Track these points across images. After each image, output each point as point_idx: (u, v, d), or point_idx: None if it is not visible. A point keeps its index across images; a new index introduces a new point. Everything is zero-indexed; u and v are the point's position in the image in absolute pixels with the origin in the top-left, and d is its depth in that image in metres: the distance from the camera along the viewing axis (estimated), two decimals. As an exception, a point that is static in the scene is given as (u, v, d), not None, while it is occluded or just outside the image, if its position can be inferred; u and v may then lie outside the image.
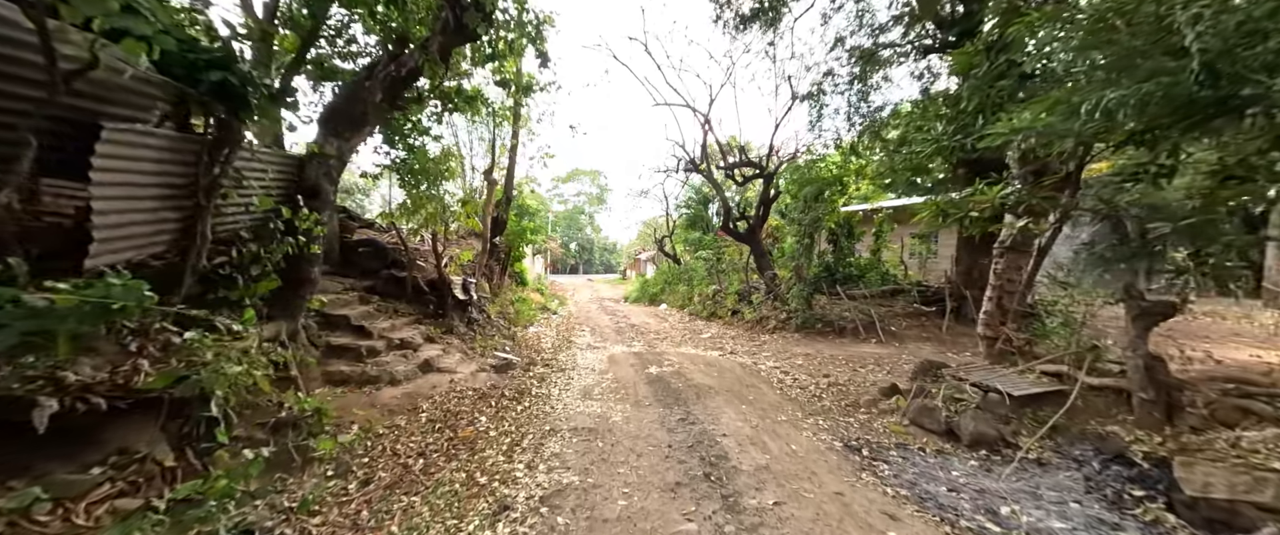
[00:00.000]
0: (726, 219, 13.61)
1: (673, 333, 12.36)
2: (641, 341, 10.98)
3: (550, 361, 8.41)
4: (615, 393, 6.13)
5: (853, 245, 12.95)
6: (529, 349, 9.75)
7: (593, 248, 62.37)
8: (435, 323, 8.19)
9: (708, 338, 11.52)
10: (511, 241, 14.21)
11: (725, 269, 16.46)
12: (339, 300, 6.97)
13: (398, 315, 7.66)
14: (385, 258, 8.41)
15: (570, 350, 9.62)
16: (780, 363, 8.28)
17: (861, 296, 10.91)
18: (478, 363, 7.50)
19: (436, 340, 7.65)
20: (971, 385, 4.92)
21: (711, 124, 13.42)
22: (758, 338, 10.93)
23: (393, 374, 5.96)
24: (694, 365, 7.93)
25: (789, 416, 5.25)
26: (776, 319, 11.30)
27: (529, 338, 11.20)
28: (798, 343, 9.98)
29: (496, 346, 9.11)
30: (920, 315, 9.98)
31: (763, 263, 13.13)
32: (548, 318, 15.31)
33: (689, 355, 9.01)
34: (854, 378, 7.05)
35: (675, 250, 22.82)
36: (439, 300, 8.49)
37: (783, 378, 7.19)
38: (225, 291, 4.17)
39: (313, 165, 5.29)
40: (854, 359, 8.32)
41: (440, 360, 6.89)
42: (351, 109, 5.51)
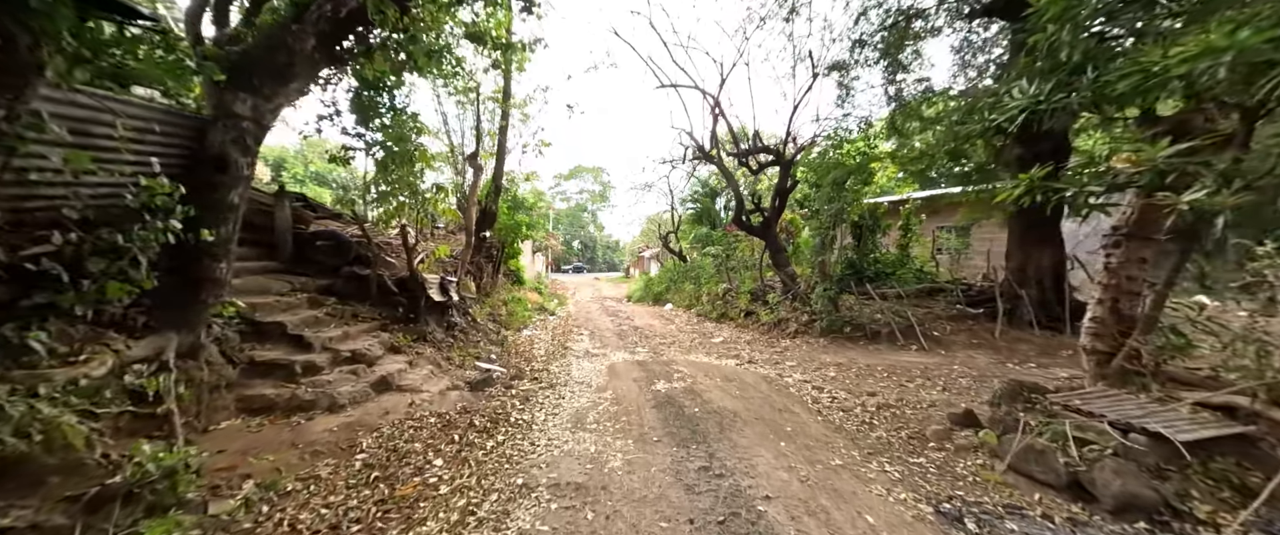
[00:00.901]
0: (739, 211, 12.27)
1: (680, 336, 11.05)
2: (646, 347, 9.67)
3: (540, 374, 7.10)
4: (615, 420, 4.82)
5: (878, 239, 11.59)
6: (518, 357, 8.45)
7: (595, 246, 61.10)
8: (405, 329, 6.90)
9: (720, 343, 10.19)
10: (505, 236, 12.92)
11: (735, 266, 15.13)
12: (281, 304, 5.68)
13: (356, 321, 6.37)
14: (347, 253, 7.12)
15: (565, 359, 8.32)
16: (809, 375, 6.96)
17: (893, 296, 9.57)
18: (451, 377, 6.21)
19: (402, 350, 6.36)
20: (1099, 421, 3.58)
21: (722, 108, 12.10)
22: (777, 343, 9.60)
23: (334, 397, 4.67)
24: (708, 378, 6.62)
25: (844, 458, 3.92)
26: (798, 322, 9.97)
27: (520, 343, 9.90)
28: (825, 349, 8.65)
29: (480, 355, 7.82)
30: (965, 318, 8.63)
31: (779, 259, 11.79)
32: (544, 319, 14.02)
33: (701, 365, 7.70)
34: (905, 396, 5.72)
35: (681, 247, 21.49)
36: (411, 302, 7.20)
37: (817, 395, 5.86)
38: (55, 295, 2.88)
39: (218, 129, 4.00)
40: (896, 371, 6.98)
41: (402, 376, 5.59)
42: (273, 58, 4.21)
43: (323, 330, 5.54)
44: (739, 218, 12.31)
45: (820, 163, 10.37)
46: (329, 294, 6.66)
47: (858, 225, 10.89)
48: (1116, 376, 4.07)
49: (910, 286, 9.93)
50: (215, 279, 3.99)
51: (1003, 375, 6.57)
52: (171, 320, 3.80)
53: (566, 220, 58.20)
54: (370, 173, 6.86)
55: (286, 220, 6.86)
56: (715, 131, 12.34)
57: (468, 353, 7.60)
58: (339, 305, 6.44)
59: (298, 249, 7.00)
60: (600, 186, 58.46)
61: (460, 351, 7.49)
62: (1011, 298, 8.19)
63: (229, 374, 4.32)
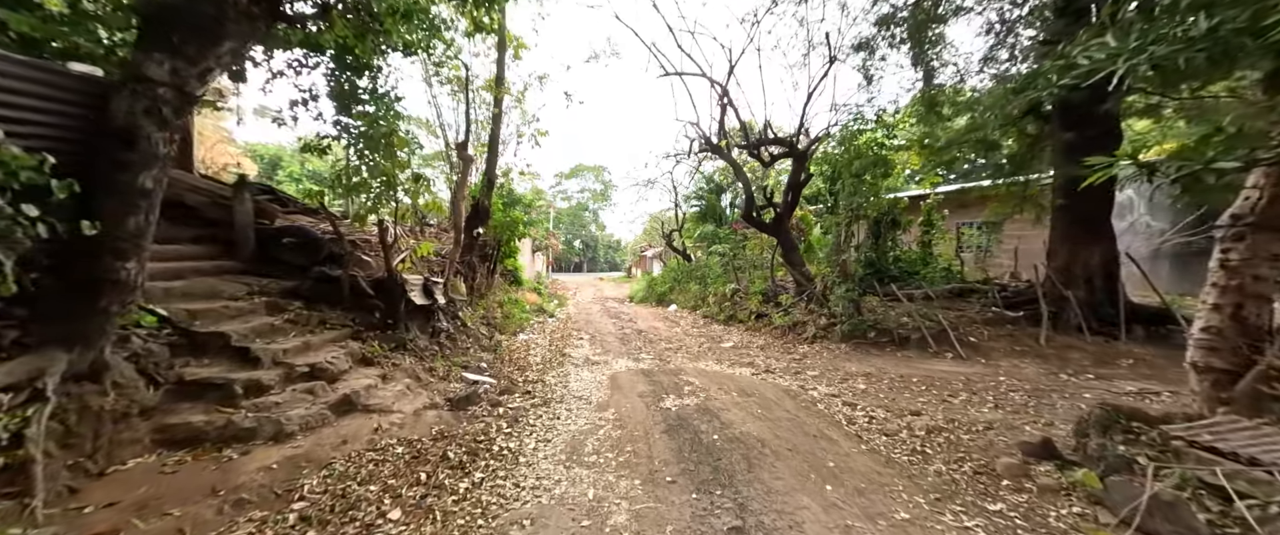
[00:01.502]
0: (749, 207, 11.44)
1: (687, 341, 10.22)
2: (651, 353, 8.85)
3: (533, 386, 6.29)
4: (618, 449, 4.00)
5: (897, 237, 10.75)
6: (511, 365, 7.64)
7: (596, 245, 60.30)
8: (381, 337, 6.08)
9: (731, 348, 9.37)
10: (500, 234, 12.11)
11: (743, 266, 14.29)
12: (231, 310, 4.87)
13: (323, 328, 5.56)
14: (317, 252, 6.31)
15: (562, 368, 7.50)
16: (836, 387, 6.13)
17: (921, 297, 8.73)
18: (430, 393, 5.39)
19: (375, 362, 5.54)
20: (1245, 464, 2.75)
21: (730, 97, 11.26)
22: (794, 349, 8.77)
23: (281, 423, 3.86)
24: (724, 392, 5.80)
25: (908, 507, 3.10)
26: (815, 325, 9.14)
27: (515, 349, 9.09)
28: (848, 357, 7.82)
29: (468, 364, 7.01)
30: (1002, 321, 7.79)
31: (793, 258, 10.96)
32: (543, 322, 13.21)
33: (714, 375, 6.88)
34: (954, 416, 4.89)
35: (685, 245, 20.66)
36: (389, 306, 6.38)
37: (851, 414, 5.04)
38: None
39: (124, 96, 3.18)
40: (933, 383, 6.15)
41: (371, 394, 4.77)
42: (197, 10, 3.40)
43: (277, 341, 4.72)
44: (749, 214, 11.48)
45: (840, 154, 9.54)
46: (294, 297, 5.85)
47: (876, 221, 10.05)
48: (1246, 402, 3.24)
49: (938, 286, 9.09)
50: (119, 282, 3.17)
51: (1059, 389, 5.74)
52: (59, 335, 2.99)
53: (567, 219, 57.40)
54: (352, 162, 6.03)
55: (247, 215, 6.06)
56: (723, 122, 11.51)
57: (454, 362, 6.78)
58: (304, 310, 5.62)
59: (261, 247, 6.20)
60: (601, 185, 57.65)
61: (445, 361, 6.67)
62: (1056, 299, 7.34)
63: (146, 398, 3.50)
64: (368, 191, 5.76)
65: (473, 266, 10.47)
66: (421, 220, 11.38)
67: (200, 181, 6.17)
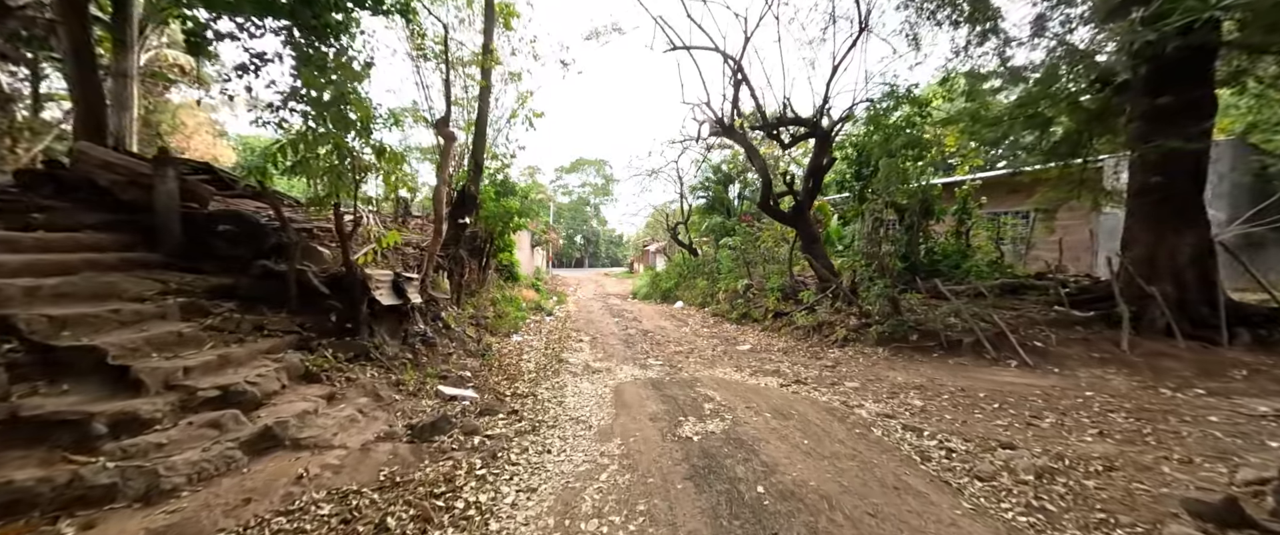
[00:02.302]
0: (766, 195, 10.28)
1: (698, 343, 9.11)
2: (659, 358, 7.74)
3: (522, 402, 5.19)
4: (628, 510, 2.88)
5: (929, 227, 9.60)
6: (499, 374, 6.54)
7: (598, 240, 59.16)
8: (336, 344, 4.97)
9: (748, 351, 8.26)
10: (492, 226, 10.98)
11: (755, 260, 13.16)
12: (123, 316, 3.76)
13: (257, 336, 4.45)
14: (260, 241, 5.20)
15: (558, 378, 6.40)
16: (888, 405, 5.02)
17: (966, 294, 7.60)
18: (391, 417, 4.28)
19: (322, 377, 4.43)
20: None
21: (745, 73, 10.08)
22: (822, 353, 7.65)
23: (160, 474, 2.75)
24: (753, 412, 4.68)
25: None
26: (845, 326, 8.01)
27: (506, 353, 7.99)
28: (889, 364, 6.70)
29: (448, 374, 5.92)
30: (1069, 323, 6.65)
31: (815, 250, 9.82)
32: (540, 321, 12.12)
33: (735, 386, 5.77)
34: (1057, 449, 3.77)
35: (690, 239, 19.52)
36: (347, 307, 5.27)
37: (921, 444, 3.92)
38: None
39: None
40: (1006, 399, 5.03)
41: (308, 422, 3.66)
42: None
43: (182, 355, 3.61)
44: (766, 202, 10.33)
45: (869, 135, 8.37)
46: (227, 297, 4.74)
47: (907, 210, 8.89)
48: None
49: (988, 281, 7.95)
50: None
51: (1170, 409, 4.60)
52: None
53: (568, 214, 56.25)
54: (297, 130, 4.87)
55: (171, 197, 4.93)
56: (737, 101, 10.35)
57: (429, 373, 5.68)
58: (236, 314, 4.51)
59: (191, 237, 5.08)
60: (603, 179, 56.46)
61: (418, 372, 5.56)
62: (1136, 297, 6.20)
63: (-58, 448, 2.39)
64: (314, 168, 4.62)
65: (460, 261, 9.35)
66: (404, 210, 10.25)
67: (115, 156, 5.06)
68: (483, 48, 8.08)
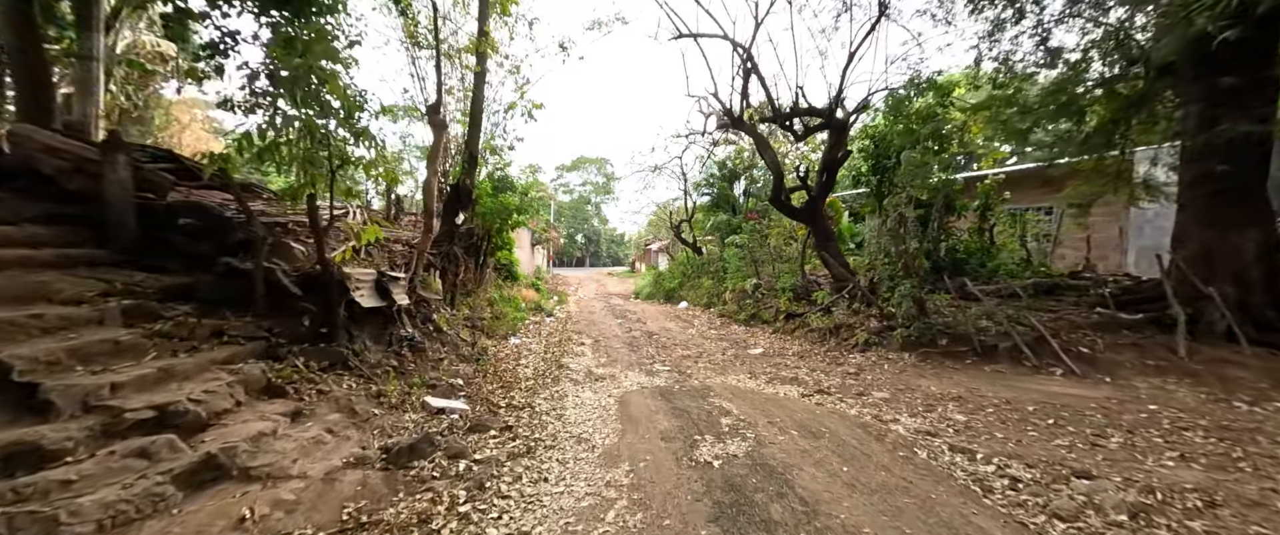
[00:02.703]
0: (778, 190, 9.71)
1: (707, 345, 8.56)
2: (667, 363, 7.18)
3: (517, 417, 4.63)
4: (641, 561, 2.33)
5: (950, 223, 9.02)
6: (494, 382, 6.00)
7: (599, 239, 58.61)
8: (309, 352, 4.41)
9: (761, 355, 7.70)
10: (489, 223, 10.43)
11: (764, 258, 12.60)
12: (49, 321, 3.20)
13: (213, 344, 3.90)
14: (224, 236, 4.64)
15: (557, 386, 5.84)
16: (927, 421, 4.46)
17: (996, 294, 7.02)
18: (366, 436, 3.73)
19: (289, 391, 3.87)
20: None
21: (755, 62, 9.51)
22: (842, 358, 7.08)
23: (56, 523, 2.19)
24: (778, 428, 4.13)
25: None
26: (866, 329, 7.44)
27: (503, 358, 7.44)
28: (919, 370, 6.13)
29: (436, 384, 5.36)
30: (1115, 326, 6.08)
31: (830, 248, 9.25)
32: (540, 322, 11.57)
33: (753, 397, 5.20)
34: (1137, 477, 3.20)
35: (694, 237, 18.95)
36: (323, 310, 4.71)
37: (978, 471, 3.36)
38: None
39: None
40: (1059, 413, 4.46)
41: (264, 446, 3.10)
42: None
43: (111, 369, 3.06)
44: (777, 197, 9.75)
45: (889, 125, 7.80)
46: (186, 299, 4.19)
47: (931, 204, 8.31)
48: None
49: (1021, 280, 7.37)
50: None
51: (1254, 426, 4.03)
52: None
53: (569, 213, 55.71)
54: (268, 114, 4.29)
55: (123, 187, 4.38)
56: (746, 91, 9.77)
57: (415, 383, 5.12)
58: (191, 318, 3.95)
59: (148, 231, 4.53)
60: (604, 178, 55.89)
61: (402, 382, 5.01)
62: (1191, 298, 5.62)
63: None
64: (283, 155, 4.06)
65: (454, 259, 8.80)
66: (397, 206, 9.70)
67: (60, 140, 4.51)
68: (478, 31, 7.52)
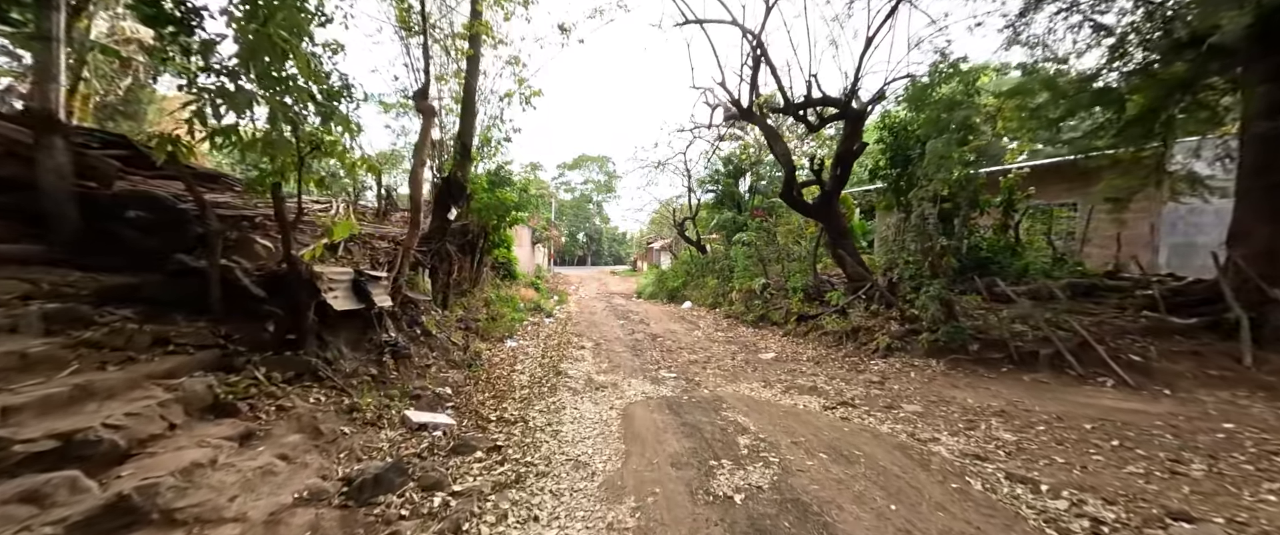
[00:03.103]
0: (789, 185, 9.15)
1: (715, 349, 8.01)
2: (673, 369, 6.65)
3: (508, 434, 4.10)
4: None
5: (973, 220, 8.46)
6: (486, 390, 5.47)
7: (601, 238, 58.08)
8: (272, 361, 3.88)
9: (774, 361, 7.15)
10: (486, 219, 9.89)
11: (773, 257, 12.05)
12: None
13: (158, 354, 3.37)
14: (181, 231, 4.11)
15: (555, 396, 5.30)
16: (971, 441, 3.91)
17: (1030, 295, 6.46)
18: (324, 465, 3.19)
19: (242, 408, 3.34)
20: None
21: (766, 49, 8.96)
22: (862, 363, 6.53)
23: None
24: (804, 451, 3.59)
25: None
26: (887, 333, 6.89)
27: (498, 363, 6.91)
28: (950, 379, 5.58)
29: (421, 394, 4.83)
30: (1166, 331, 5.52)
31: (845, 246, 8.70)
32: (538, 323, 11.04)
33: (770, 410, 4.66)
34: (1243, 517, 2.65)
35: (698, 235, 18.40)
36: (290, 314, 4.18)
37: (1049, 508, 2.81)
38: None
39: None
40: (1121, 433, 3.91)
41: (197, 481, 2.56)
42: None
43: (10, 388, 2.52)
44: (788, 193, 9.20)
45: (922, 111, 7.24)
46: (130, 301, 3.66)
47: (957, 199, 7.75)
48: None
49: (1058, 278, 6.80)
50: None
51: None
52: None
53: (570, 212, 55.18)
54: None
55: (60, 174, 3.85)
56: (755, 81, 9.20)
57: (395, 393, 4.58)
58: (131, 324, 3.42)
59: (91, 224, 3.99)
60: (606, 176, 55.33)
61: (380, 393, 4.48)
62: (1255, 301, 5.06)
63: None
64: (238, 138, 3.52)
65: (447, 257, 8.26)
66: (387, 201, 9.16)
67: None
68: (471, 12, 6.97)
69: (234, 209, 4.79)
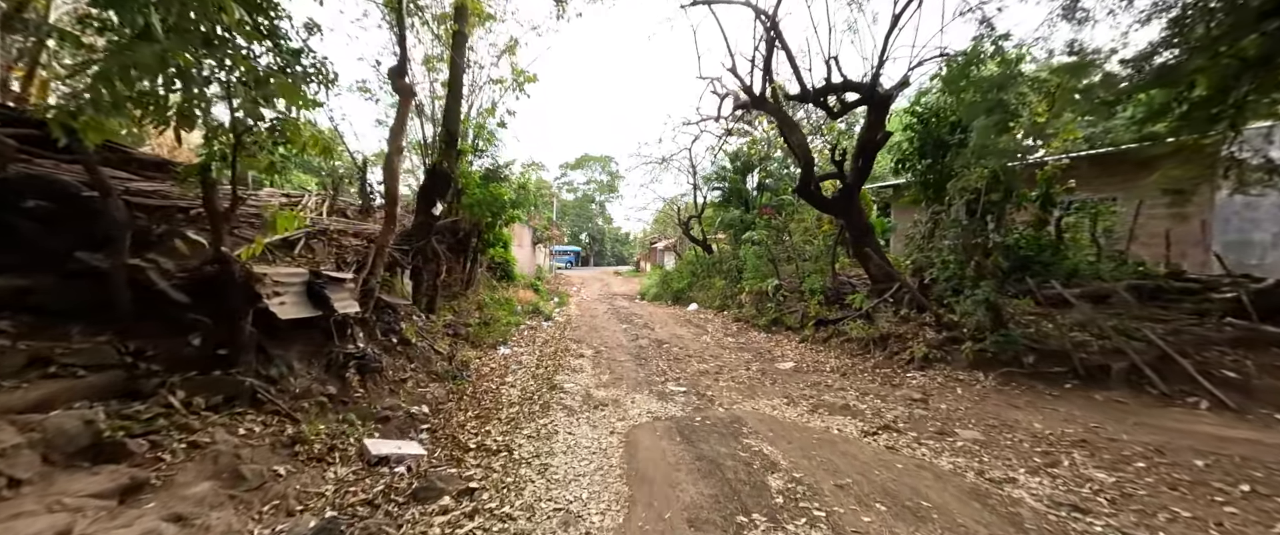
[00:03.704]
0: (806, 179, 8.36)
1: (727, 357, 7.24)
2: (682, 381, 5.87)
3: (488, 468, 3.34)
4: None
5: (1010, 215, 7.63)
6: (469, 411, 4.71)
7: (603, 238, 57.30)
8: (197, 382, 3.13)
9: (794, 371, 6.37)
10: (478, 215, 9.14)
11: (785, 257, 11.26)
12: None
13: (32, 376, 2.61)
14: (90, 225, 3.36)
15: (547, 417, 4.52)
16: (1052, 481, 3.13)
17: (1090, 298, 5.65)
18: (233, 525, 2.42)
19: (133, 449, 2.58)
20: None
21: (780, 31, 8.17)
22: (897, 376, 5.74)
23: None
24: (854, 499, 2.82)
25: None
26: (924, 341, 6.09)
27: (487, 374, 6.16)
28: (1005, 397, 4.78)
29: (388, 417, 4.08)
30: (1259, 341, 4.70)
31: (868, 243, 7.91)
32: (536, 326, 10.28)
33: (800, 436, 3.87)
34: None
35: (704, 234, 17.62)
36: (222, 324, 3.42)
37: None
38: None
39: None
40: (1250, 471, 3.13)
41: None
42: None
43: None
44: (806, 187, 8.40)
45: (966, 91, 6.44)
46: (16, 308, 2.92)
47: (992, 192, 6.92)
48: None
49: (1116, 279, 5.98)
50: None
51: None
52: None
53: (573, 212, 54.45)
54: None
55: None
56: (769, 65, 8.42)
57: (355, 417, 3.82)
58: (1, 339, 2.67)
59: (-25, 214, 3.25)
60: (608, 176, 54.55)
61: (336, 417, 3.72)
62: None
63: None
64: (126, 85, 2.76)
65: (434, 257, 7.51)
66: (365, 196, 8.41)
67: None
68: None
69: (168, 199, 4.04)
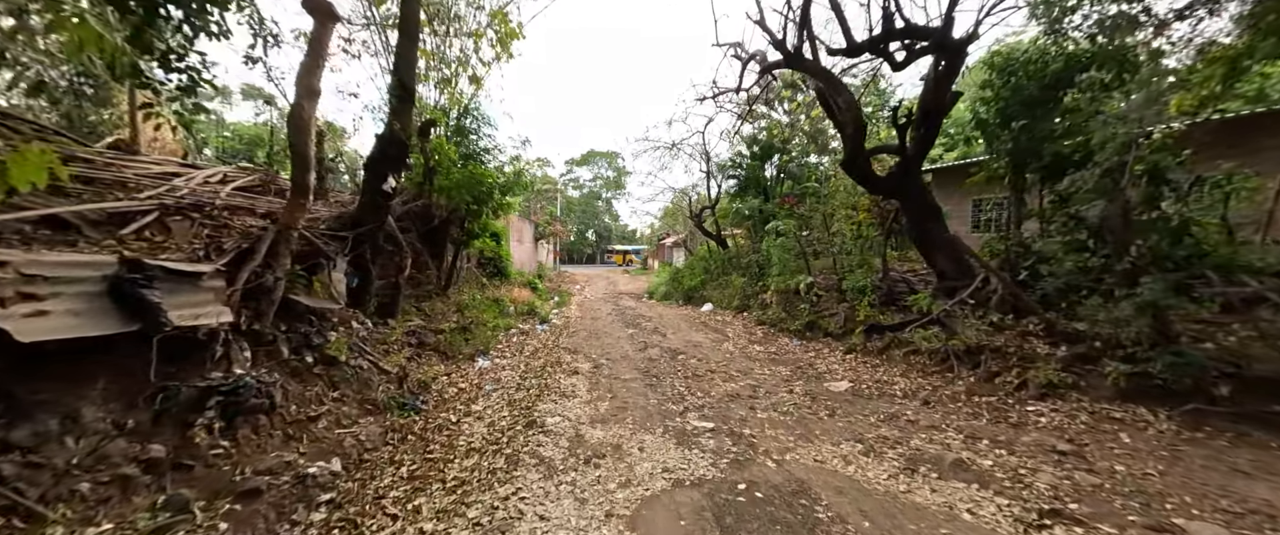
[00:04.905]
0: (856, 151, 6.66)
1: (758, 372, 5.60)
2: (707, 411, 4.24)
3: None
4: None
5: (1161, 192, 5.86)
6: (400, 468, 3.11)
7: (610, 235, 55.66)
8: None
9: (850, 394, 4.72)
10: (456, 200, 7.55)
11: (821, 249, 9.56)
12: None
13: None
14: None
15: (512, 481, 2.90)
16: None
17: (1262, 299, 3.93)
18: None
19: None
20: None
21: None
22: (1009, 409, 4.07)
23: None
24: None
25: None
26: (1045, 362, 4.39)
27: (449, 400, 4.57)
28: (1206, 449, 3.11)
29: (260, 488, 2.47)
30: None
31: (934, 231, 6.22)
32: (529, 330, 8.69)
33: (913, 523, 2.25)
34: None
35: (719, 227, 15.93)
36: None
37: None
38: None
39: None
40: None
41: None
42: None
43: None
44: (853, 161, 6.70)
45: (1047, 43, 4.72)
46: None
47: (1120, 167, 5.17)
48: None
49: None
50: None
51: None
52: None
53: (578, 209, 52.88)
54: None
55: None
56: (807, 13, 6.70)
57: (182, 496, 2.23)
58: None
59: None
60: (615, 172, 52.86)
61: (153, 500, 2.14)
62: None
63: None
64: None
65: (395, 247, 5.92)
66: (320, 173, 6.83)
67: None
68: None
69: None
